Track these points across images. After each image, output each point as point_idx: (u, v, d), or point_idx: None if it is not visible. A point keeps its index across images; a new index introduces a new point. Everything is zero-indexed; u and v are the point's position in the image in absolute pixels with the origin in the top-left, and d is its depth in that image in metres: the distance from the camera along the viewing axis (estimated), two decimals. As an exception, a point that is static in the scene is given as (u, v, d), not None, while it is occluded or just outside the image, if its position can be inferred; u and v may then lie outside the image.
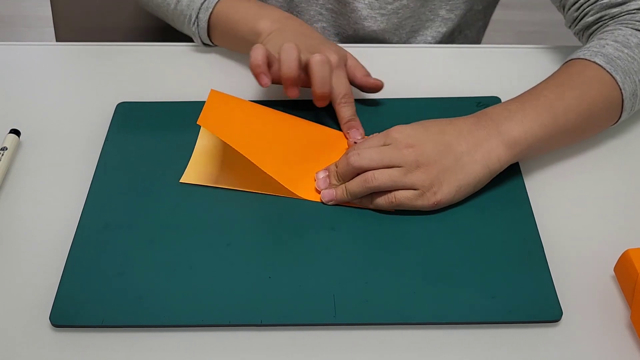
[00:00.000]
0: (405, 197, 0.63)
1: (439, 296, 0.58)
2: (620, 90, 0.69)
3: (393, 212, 0.65)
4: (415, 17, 0.91)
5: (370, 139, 0.68)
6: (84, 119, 0.77)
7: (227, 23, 0.82)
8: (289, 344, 0.56)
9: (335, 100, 0.72)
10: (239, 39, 0.81)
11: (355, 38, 0.92)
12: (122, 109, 0.77)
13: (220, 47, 0.85)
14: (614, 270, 0.60)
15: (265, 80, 0.70)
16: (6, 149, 0.72)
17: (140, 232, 0.64)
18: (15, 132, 0.74)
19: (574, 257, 0.62)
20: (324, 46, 0.75)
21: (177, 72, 0.83)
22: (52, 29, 1.08)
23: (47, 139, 0.75)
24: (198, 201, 0.67)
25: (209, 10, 0.82)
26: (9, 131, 0.74)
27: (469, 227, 0.64)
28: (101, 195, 0.68)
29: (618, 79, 0.69)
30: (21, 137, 0.74)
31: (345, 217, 0.65)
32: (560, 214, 0.66)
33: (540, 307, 0.57)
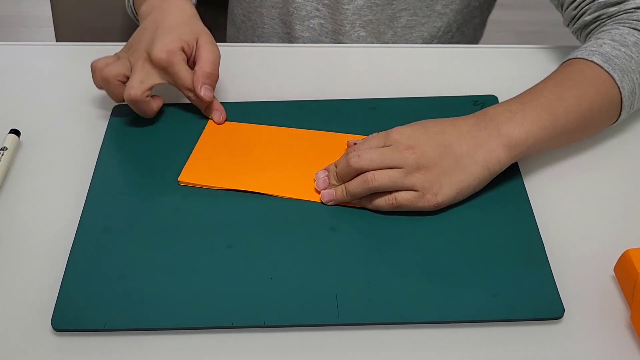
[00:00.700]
0: (405, 198, 0.63)
1: (442, 295, 0.58)
2: (619, 89, 0.69)
3: (393, 213, 0.65)
4: (411, 10, 0.91)
5: (370, 139, 0.67)
6: (84, 118, 0.77)
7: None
8: (292, 345, 0.56)
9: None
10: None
11: (352, 34, 0.92)
12: (119, 111, 0.77)
13: None
14: (614, 270, 0.60)
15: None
16: (6, 149, 0.71)
17: (140, 235, 0.64)
18: (15, 132, 0.74)
19: (573, 258, 0.62)
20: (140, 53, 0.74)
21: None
22: (52, 29, 1.07)
23: (47, 139, 0.75)
24: (198, 203, 0.67)
25: None
26: (9, 131, 0.74)
27: (469, 226, 0.64)
28: (100, 198, 0.67)
29: (616, 77, 0.69)
30: (21, 137, 0.74)
31: (346, 217, 0.65)
32: (559, 214, 0.66)
33: (542, 304, 0.58)
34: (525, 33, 2.16)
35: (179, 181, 0.69)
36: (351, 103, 0.77)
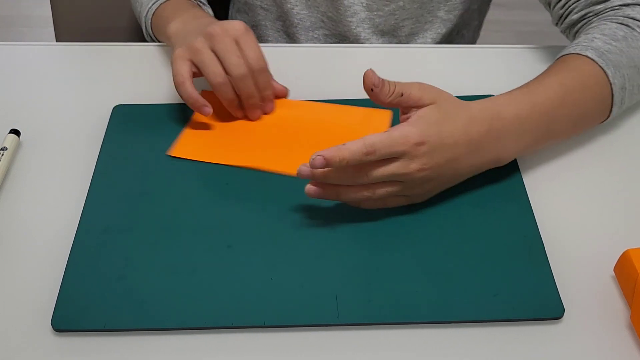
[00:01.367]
0: (387, 192, 0.62)
1: (442, 295, 0.58)
2: (610, 85, 0.69)
3: (393, 213, 0.65)
4: (413, 19, 0.91)
5: (389, 142, 0.60)
6: (84, 118, 0.77)
7: (160, 20, 0.83)
8: (292, 345, 0.56)
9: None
10: (165, 39, 0.83)
11: (357, 43, 0.92)
12: (120, 111, 0.77)
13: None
14: (614, 270, 0.60)
15: (207, 111, 0.72)
16: (6, 149, 0.71)
17: (140, 235, 0.64)
18: (15, 132, 0.74)
19: (573, 257, 0.62)
20: (220, 25, 0.73)
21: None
22: (52, 29, 1.08)
23: (47, 139, 0.75)
24: (198, 203, 0.67)
25: (154, 8, 0.84)
26: (9, 131, 0.74)
27: (469, 226, 0.64)
28: (100, 198, 0.67)
29: (609, 73, 0.69)
30: (21, 137, 0.74)
31: (347, 217, 0.65)
32: (559, 214, 0.66)
33: (542, 304, 0.58)
34: (525, 33, 2.16)
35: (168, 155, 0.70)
36: (352, 103, 0.77)
